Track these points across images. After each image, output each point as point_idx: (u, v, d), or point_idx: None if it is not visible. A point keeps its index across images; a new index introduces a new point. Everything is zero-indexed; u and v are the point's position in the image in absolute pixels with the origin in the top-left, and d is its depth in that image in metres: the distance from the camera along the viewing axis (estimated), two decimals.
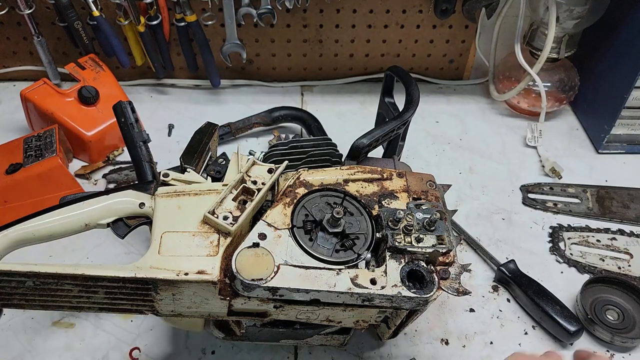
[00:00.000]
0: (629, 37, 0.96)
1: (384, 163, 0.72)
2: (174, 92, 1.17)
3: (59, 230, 0.59)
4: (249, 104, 1.12)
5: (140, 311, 0.60)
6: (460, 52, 1.17)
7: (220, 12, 1.03)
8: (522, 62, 1.04)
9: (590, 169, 1.02)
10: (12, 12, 1.03)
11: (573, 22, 0.98)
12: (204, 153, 0.72)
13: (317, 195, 0.63)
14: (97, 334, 0.75)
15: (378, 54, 1.16)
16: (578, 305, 0.77)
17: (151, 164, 0.67)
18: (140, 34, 1.03)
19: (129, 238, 0.62)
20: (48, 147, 0.88)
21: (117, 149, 1.01)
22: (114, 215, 0.61)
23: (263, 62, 1.16)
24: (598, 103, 1.07)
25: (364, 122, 0.97)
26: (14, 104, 1.02)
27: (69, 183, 0.89)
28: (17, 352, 0.73)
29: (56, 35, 1.09)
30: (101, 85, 0.99)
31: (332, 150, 0.73)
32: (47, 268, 0.54)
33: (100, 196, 0.61)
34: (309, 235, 0.59)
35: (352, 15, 1.09)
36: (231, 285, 0.55)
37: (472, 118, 1.13)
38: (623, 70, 0.97)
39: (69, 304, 0.58)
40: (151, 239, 0.58)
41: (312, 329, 0.68)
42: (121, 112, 0.68)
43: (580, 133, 1.10)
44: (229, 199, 0.59)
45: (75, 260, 0.83)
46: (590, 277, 0.81)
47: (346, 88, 1.19)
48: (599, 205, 0.94)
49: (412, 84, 0.77)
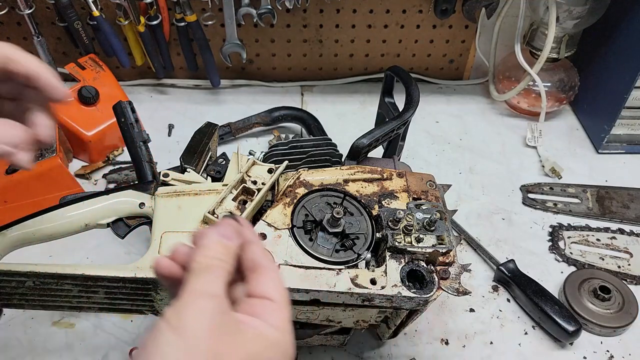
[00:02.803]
0: (628, 37, 0.96)
1: (384, 163, 0.72)
2: (174, 92, 1.17)
3: (59, 230, 0.59)
4: (249, 104, 1.12)
5: (140, 311, 0.60)
6: (460, 52, 1.17)
7: (220, 12, 1.03)
8: (522, 62, 1.04)
9: (590, 169, 1.02)
10: (12, 12, 1.03)
11: (573, 22, 0.98)
12: (204, 153, 0.72)
13: (317, 195, 0.63)
14: (97, 334, 0.75)
15: (378, 54, 1.16)
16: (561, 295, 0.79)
17: (151, 164, 0.67)
18: (140, 34, 1.03)
19: (129, 238, 0.62)
20: (48, 147, 0.88)
21: (117, 149, 1.01)
22: (114, 215, 0.61)
23: (263, 62, 1.16)
24: (598, 103, 1.07)
25: (364, 122, 0.97)
26: None
27: (69, 183, 0.89)
28: (17, 352, 0.73)
29: (56, 35, 1.09)
30: (101, 85, 0.99)
31: (332, 150, 0.73)
32: (47, 268, 0.54)
33: (100, 196, 0.61)
34: (309, 235, 0.59)
35: (352, 15, 1.09)
36: None
37: (472, 118, 1.13)
38: (623, 70, 0.97)
39: (69, 304, 0.58)
40: (151, 239, 0.58)
41: (312, 329, 0.67)
42: (121, 112, 0.68)
43: (580, 133, 1.10)
44: (229, 199, 0.59)
45: (75, 260, 0.83)
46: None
47: (346, 88, 1.19)
48: (599, 205, 0.94)
49: (412, 84, 0.77)
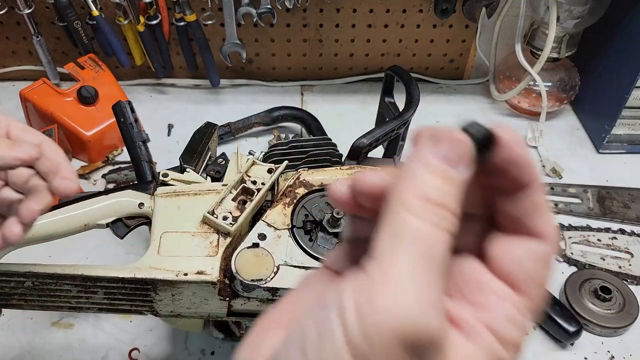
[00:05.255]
0: (629, 37, 0.96)
1: (385, 163, 0.72)
2: (174, 91, 1.16)
3: (58, 231, 0.59)
4: (248, 104, 1.12)
5: (140, 312, 0.59)
6: (460, 52, 1.17)
7: (219, 11, 1.03)
8: (523, 62, 1.03)
9: (590, 169, 1.02)
10: (11, 12, 1.03)
11: (573, 22, 0.98)
12: (203, 153, 0.72)
13: (317, 195, 0.62)
14: (96, 335, 0.75)
15: (378, 54, 1.16)
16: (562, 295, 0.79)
17: (150, 164, 0.67)
18: (139, 33, 1.03)
19: (128, 238, 0.62)
20: None
21: (117, 149, 1.01)
22: (113, 215, 0.61)
23: (263, 61, 1.16)
24: (599, 103, 1.07)
25: (364, 122, 0.97)
26: (14, 103, 1.02)
27: None
28: (16, 352, 0.73)
29: (55, 34, 1.09)
30: (100, 85, 0.98)
31: (332, 150, 0.73)
32: (46, 268, 0.54)
33: (100, 196, 0.61)
34: (309, 236, 0.59)
35: (352, 14, 1.09)
36: (231, 286, 0.55)
37: (472, 118, 1.12)
38: (624, 70, 0.97)
39: (68, 304, 0.58)
40: (150, 239, 0.57)
41: None
42: (120, 112, 0.68)
43: (580, 133, 1.10)
44: (229, 199, 0.59)
45: (75, 260, 0.83)
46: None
47: (346, 88, 1.19)
48: (599, 206, 0.94)
49: (412, 84, 0.77)
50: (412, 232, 0.22)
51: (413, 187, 0.22)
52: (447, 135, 0.24)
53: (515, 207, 0.25)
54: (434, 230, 0.22)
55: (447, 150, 0.23)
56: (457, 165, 0.23)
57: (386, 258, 0.22)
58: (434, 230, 0.22)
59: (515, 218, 0.25)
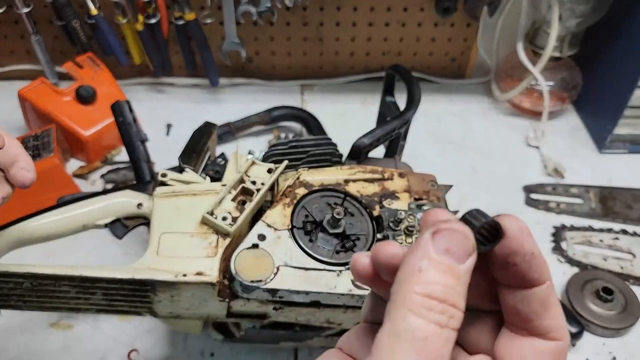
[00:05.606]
0: (632, 36, 0.95)
1: (385, 163, 0.71)
2: (173, 91, 1.16)
3: (57, 231, 0.59)
4: (248, 103, 1.11)
5: (139, 313, 0.59)
6: (462, 51, 1.16)
7: (219, 10, 1.03)
8: (525, 61, 1.03)
9: (593, 169, 1.02)
10: (9, 11, 1.02)
11: (576, 21, 0.97)
12: (202, 153, 0.71)
13: (317, 196, 0.62)
14: (95, 336, 0.75)
15: (379, 53, 1.15)
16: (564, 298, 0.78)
17: (149, 164, 0.66)
18: (138, 32, 1.02)
19: (126, 239, 0.62)
20: (46, 146, 0.87)
21: (115, 148, 1.00)
22: (111, 215, 0.60)
23: (263, 60, 1.15)
24: (601, 102, 1.06)
25: (365, 121, 0.96)
26: (12, 103, 1.01)
27: (66, 183, 0.89)
28: (15, 354, 0.72)
29: (54, 33, 1.08)
30: (99, 84, 0.98)
31: (333, 150, 0.73)
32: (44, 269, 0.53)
33: (98, 196, 0.61)
34: (309, 236, 0.58)
35: (353, 13, 1.08)
36: (230, 287, 0.55)
37: (474, 117, 1.12)
38: (626, 69, 0.96)
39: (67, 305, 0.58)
40: (149, 239, 0.57)
41: (313, 331, 0.67)
42: (119, 111, 0.68)
43: (583, 133, 1.10)
44: (228, 200, 0.59)
45: (73, 261, 0.82)
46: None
47: (347, 87, 1.18)
48: (602, 206, 0.94)
49: (413, 83, 0.76)
50: (411, 331, 0.21)
51: (413, 283, 0.22)
52: (447, 226, 0.23)
53: (523, 304, 0.25)
54: (434, 329, 0.21)
55: (448, 243, 0.23)
56: (459, 259, 0.23)
57: (383, 355, 0.21)
58: (435, 329, 0.21)
59: (524, 315, 0.25)
